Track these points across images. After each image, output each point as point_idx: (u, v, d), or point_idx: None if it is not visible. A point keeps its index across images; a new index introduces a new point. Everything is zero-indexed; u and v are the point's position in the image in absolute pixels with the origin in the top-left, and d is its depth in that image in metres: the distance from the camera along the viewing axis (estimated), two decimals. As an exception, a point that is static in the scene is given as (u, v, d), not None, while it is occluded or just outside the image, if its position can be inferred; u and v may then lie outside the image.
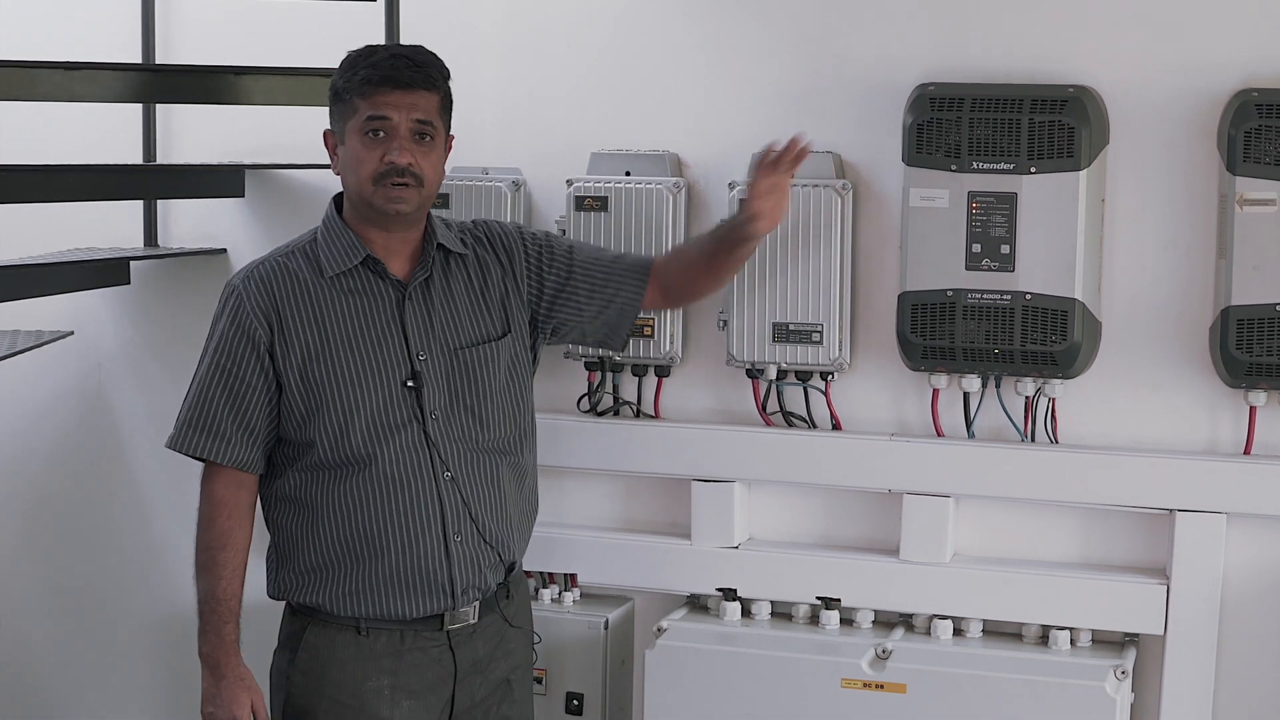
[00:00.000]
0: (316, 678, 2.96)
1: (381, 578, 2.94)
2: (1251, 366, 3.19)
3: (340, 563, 2.95)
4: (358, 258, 2.97)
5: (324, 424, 2.94)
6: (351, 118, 2.93)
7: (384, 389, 2.96)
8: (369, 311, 2.98)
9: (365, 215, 2.97)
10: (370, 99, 2.91)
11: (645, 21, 3.62)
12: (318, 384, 2.94)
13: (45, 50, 3.87)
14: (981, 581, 3.41)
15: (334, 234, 3.00)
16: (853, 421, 3.53)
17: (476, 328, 3.07)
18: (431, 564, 2.96)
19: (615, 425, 3.63)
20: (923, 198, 3.31)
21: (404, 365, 2.97)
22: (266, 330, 2.94)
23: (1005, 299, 3.28)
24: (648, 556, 3.61)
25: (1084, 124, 3.22)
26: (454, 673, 3.01)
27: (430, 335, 3.00)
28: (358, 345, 2.96)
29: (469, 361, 3.03)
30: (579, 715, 3.61)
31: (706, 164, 3.58)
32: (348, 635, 2.96)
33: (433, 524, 2.96)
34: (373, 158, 2.91)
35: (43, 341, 3.75)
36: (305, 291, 2.97)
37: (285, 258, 3.01)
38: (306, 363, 2.94)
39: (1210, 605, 3.29)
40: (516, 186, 3.64)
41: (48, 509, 4.23)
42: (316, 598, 2.97)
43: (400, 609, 2.96)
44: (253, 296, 2.95)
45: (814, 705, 3.32)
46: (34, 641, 4.28)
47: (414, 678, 2.97)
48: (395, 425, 2.95)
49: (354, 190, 2.96)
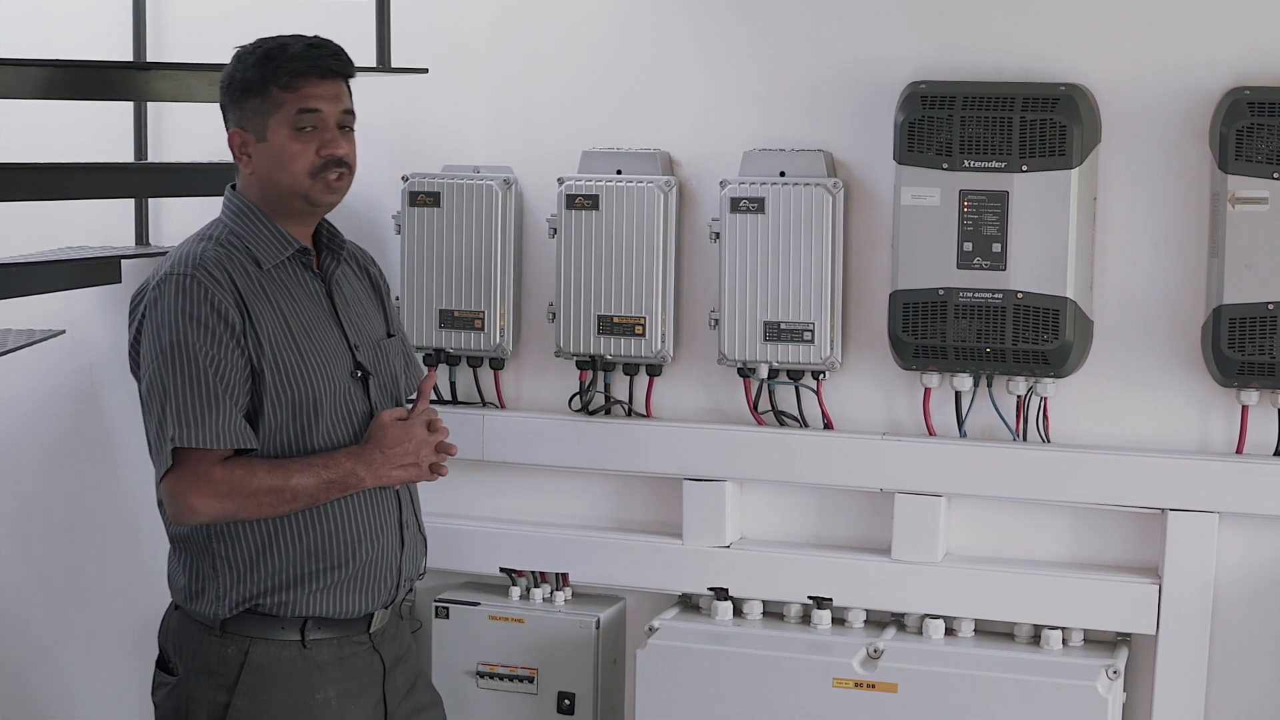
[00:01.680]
0: (261, 699, 2.84)
1: (347, 576, 2.87)
2: (1243, 365, 3.18)
3: (308, 566, 2.84)
4: (290, 249, 2.88)
5: (292, 415, 2.83)
6: (275, 112, 2.84)
7: (340, 380, 2.88)
8: (307, 303, 2.90)
9: (291, 209, 2.88)
10: (298, 91, 2.83)
11: (636, 20, 3.62)
12: (287, 373, 2.82)
13: (42, 50, 3.87)
14: (973, 581, 3.41)
15: (257, 226, 2.88)
16: (844, 420, 3.52)
17: (378, 322, 3.05)
18: (389, 556, 2.93)
19: (606, 424, 3.62)
20: (914, 196, 3.31)
21: (347, 356, 2.91)
22: (239, 315, 2.79)
23: (997, 298, 3.27)
24: (639, 556, 3.61)
25: (1076, 122, 3.21)
26: (382, 672, 2.96)
27: (357, 327, 2.96)
28: (311, 335, 2.87)
29: (385, 352, 3.02)
30: (570, 715, 3.60)
31: (698, 162, 3.58)
32: (292, 650, 2.85)
33: (392, 515, 2.93)
34: (307, 151, 2.84)
35: (34, 340, 3.75)
36: (255, 281, 2.84)
37: (218, 248, 2.84)
38: (275, 352, 2.82)
39: (1202, 605, 3.29)
40: (508, 185, 3.63)
41: (39, 508, 4.22)
42: (277, 601, 2.83)
43: (356, 606, 2.89)
44: (217, 282, 2.78)
45: (805, 705, 3.31)
46: (26, 640, 4.28)
47: (353, 682, 2.91)
48: (353, 417, 2.89)
49: (285, 185, 2.86)
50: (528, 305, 3.71)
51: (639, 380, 3.63)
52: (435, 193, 3.64)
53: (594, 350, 3.58)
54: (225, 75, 2.90)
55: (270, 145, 2.86)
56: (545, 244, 3.65)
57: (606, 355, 3.58)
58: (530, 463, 3.69)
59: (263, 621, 2.85)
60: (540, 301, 3.69)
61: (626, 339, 3.56)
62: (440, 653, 3.68)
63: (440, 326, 3.67)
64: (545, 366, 3.70)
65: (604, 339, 3.57)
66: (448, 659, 3.68)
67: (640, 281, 3.54)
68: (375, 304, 3.09)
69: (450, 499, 3.79)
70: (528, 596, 3.67)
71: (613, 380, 3.65)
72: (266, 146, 2.86)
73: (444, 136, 3.75)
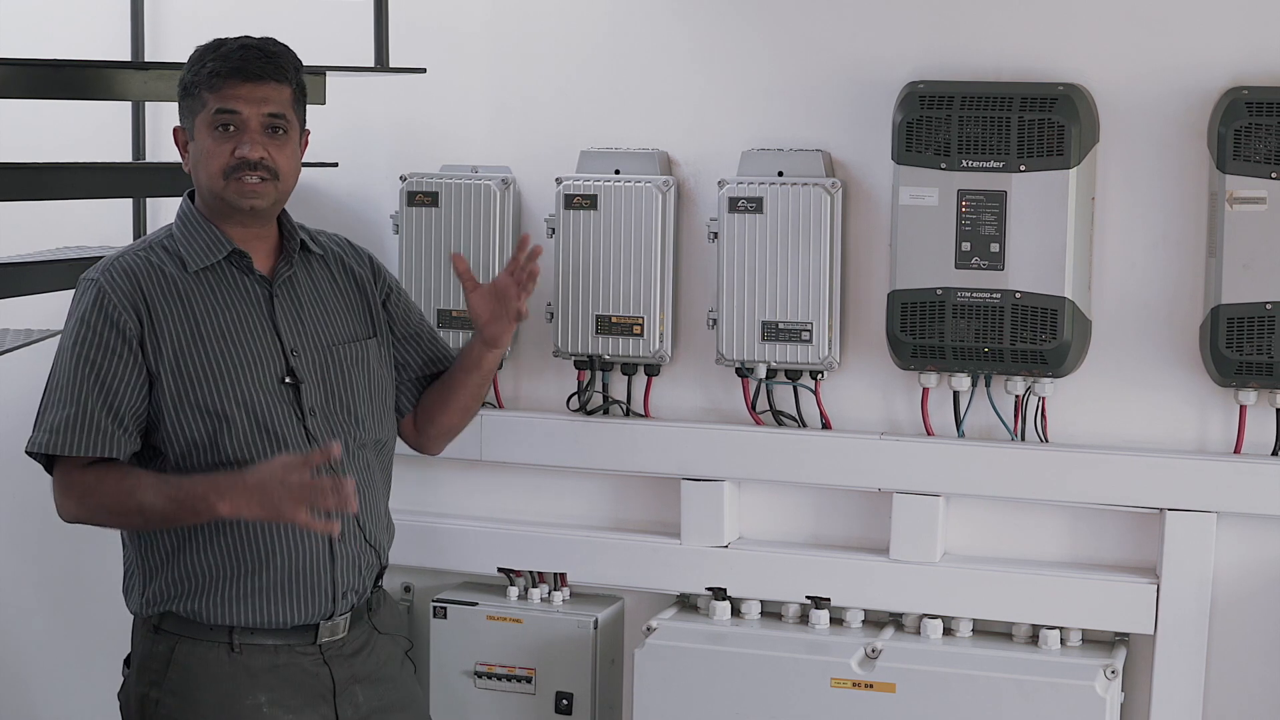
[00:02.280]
0: (188, 698, 2.82)
1: (265, 584, 2.83)
2: (1241, 365, 3.18)
3: (221, 571, 2.82)
4: (222, 252, 2.87)
5: (199, 422, 2.80)
6: (200, 112, 2.85)
7: (261, 386, 2.85)
8: (238, 307, 2.87)
9: (220, 211, 2.88)
10: (219, 92, 2.83)
11: (634, 19, 3.62)
12: (192, 379, 2.80)
13: (40, 49, 3.86)
14: (971, 581, 3.41)
15: (193, 228, 2.89)
16: (842, 420, 3.52)
17: (346, 326, 3.01)
18: (316, 568, 2.86)
19: (605, 424, 3.62)
20: (912, 196, 3.31)
21: (278, 361, 2.88)
22: (135, 322, 2.79)
23: (995, 297, 3.27)
24: (637, 556, 3.61)
25: (1074, 122, 3.22)
26: (332, 688, 2.90)
27: (302, 332, 2.93)
28: (230, 341, 2.84)
29: (342, 359, 2.97)
30: (569, 715, 3.60)
31: (696, 162, 3.58)
32: (220, 653, 2.83)
33: None
34: (223, 152, 2.83)
35: (31, 340, 3.74)
36: (171, 285, 2.84)
37: (145, 251, 2.88)
38: (179, 358, 2.81)
39: (1200, 605, 3.29)
40: (506, 185, 3.63)
41: (36, 508, 4.20)
42: (193, 607, 2.83)
43: (281, 616, 2.85)
44: (118, 289, 2.80)
45: (803, 705, 3.31)
46: (22, 641, 4.27)
47: (289, 692, 2.86)
48: (275, 423, 2.85)
49: (205, 186, 2.87)
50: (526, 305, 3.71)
51: (637, 380, 3.63)
52: (433, 193, 3.64)
53: (592, 350, 3.58)
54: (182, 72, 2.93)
55: (197, 144, 2.88)
56: (544, 244, 3.64)
57: (604, 355, 3.58)
58: (528, 462, 3.69)
59: (188, 623, 2.85)
60: (539, 301, 3.68)
61: (624, 339, 3.56)
62: (438, 653, 3.68)
63: (439, 326, 3.66)
64: (543, 366, 3.69)
65: (602, 339, 3.57)
66: (445, 659, 3.68)
67: (638, 281, 3.54)
68: (353, 304, 3.05)
69: (448, 499, 3.80)
70: (526, 596, 3.67)
71: (611, 380, 3.65)
72: (195, 145, 2.89)
73: (442, 136, 3.75)
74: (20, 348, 3.71)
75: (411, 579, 3.84)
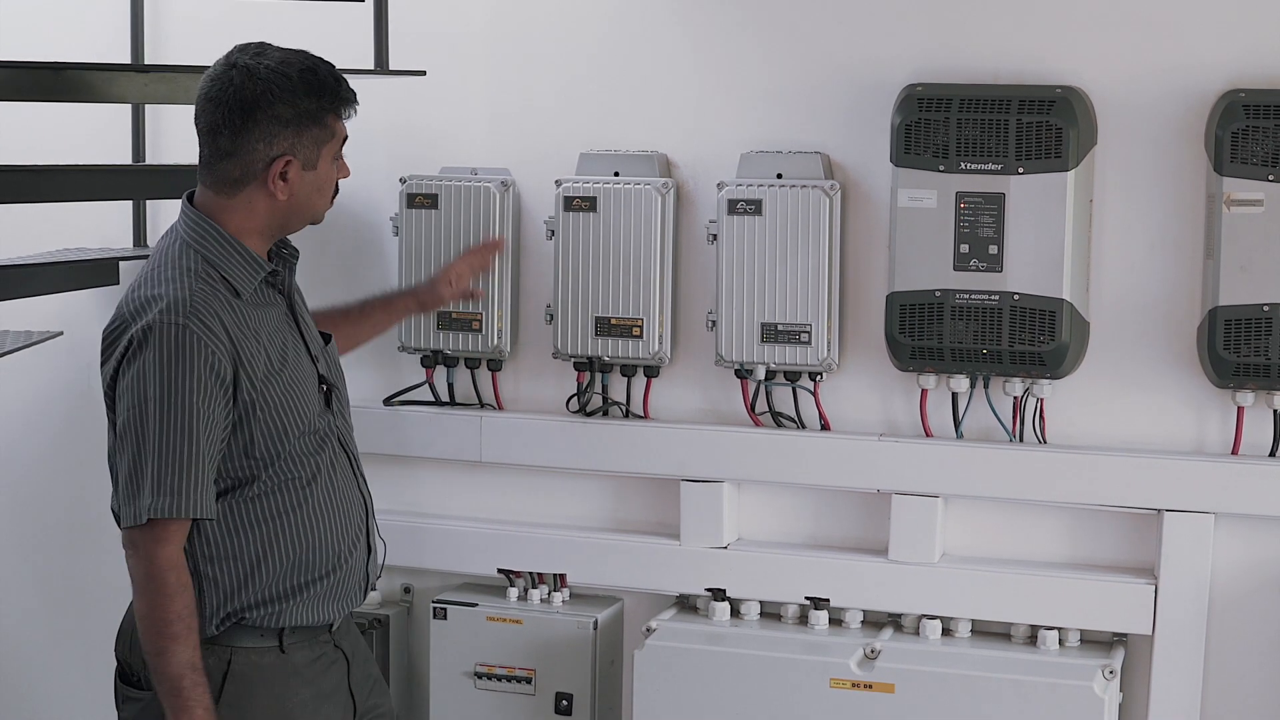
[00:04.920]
0: (244, 708, 2.81)
1: (335, 585, 2.88)
2: (1239, 367, 3.19)
3: (305, 579, 2.84)
4: (262, 273, 2.83)
5: (277, 443, 2.80)
6: (328, 141, 2.83)
7: (313, 398, 2.87)
8: (278, 323, 2.86)
9: (285, 230, 2.88)
10: (343, 120, 2.86)
11: (634, 21, 3.62)
12: (275, 405, 2.79)
13: (35, 50, 3.87)
14: (970, 581, 3.42)
15: (227, 250, 2.80)
16: (841, 422, 3.53)
17: (319, 326, 3.06)
18: (360, 564, 2.95)
19: (604, 425, 3.63)
20: (911, 198, 3.32)
21: (313, 370, 2.90)
22: (231, 365, 2.72)
23: (993, 299, 3.28)
24: (637, 557, 3.61)
25: (1072, 124, 3.22)
26: (347, 670, 2.97)
27: (312, 338, 2.96)
28: (288, 359, 2.84)
29: (334, 359, 3.03)
30: (568, 715, 3.61)
31: (695, 164, 3.58)
32: (271, 656, 2.84)
33: (362, 524, 2.95)
34: (334, 178, 2.89)
35: (32, 342, 3.74)
36: (241, 316, 2.77)
37: (204, 285, 2.75)
38: (266, 387, 2.78)
39: (1198, 605, 3.30)
40: (505, 187, 3.64)
41: (37, 509, 4.23)
42: (266, 614, 2.81)
43: (332, 614, 2.89)
44: (211, 334, 2.70)
45: (802, 705, 3.32)
46: (23, 642, 4.28)
47: (325, 681, 2.90)
48: (324, 433, 2.88)
49: (317, 210, 2.88)
50: (525, 307, 3.72)
51: (636, 381, 3.64)
52: (433, 194, 3.65)
53: (591, 351, 3.59)
54: (266, 96, 2.76)
55: (318, 174, 2.84)
56: (543, 246, 3.66)
57: (604, 356, 3.59)
58: (528, 464, 3.69)
59: (245, 632, 2.83)
60: (538, 303, 3.70)
61: (624, 340, 3.56)
62: (438, 653, 3.69)
63: (438, 328, 3.67)
64: (543, 368, 3.70)
65: (601, 340, 3.58)
66: (446, 660, 3.68)
67: (638, 283, 3.54)
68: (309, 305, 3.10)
69: (448, 500, 3.80)
70: (525, 597, 3.68)
71: (610, 381, 3.66)
72: (314, 175, 2.83)
73: (442, 138, 3.75)
74: (21, 349, 3.71)
75: (412, 580, 3.85)
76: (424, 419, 3.73)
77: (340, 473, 2.91)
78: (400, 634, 3.83)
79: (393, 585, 3.87)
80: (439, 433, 3.72)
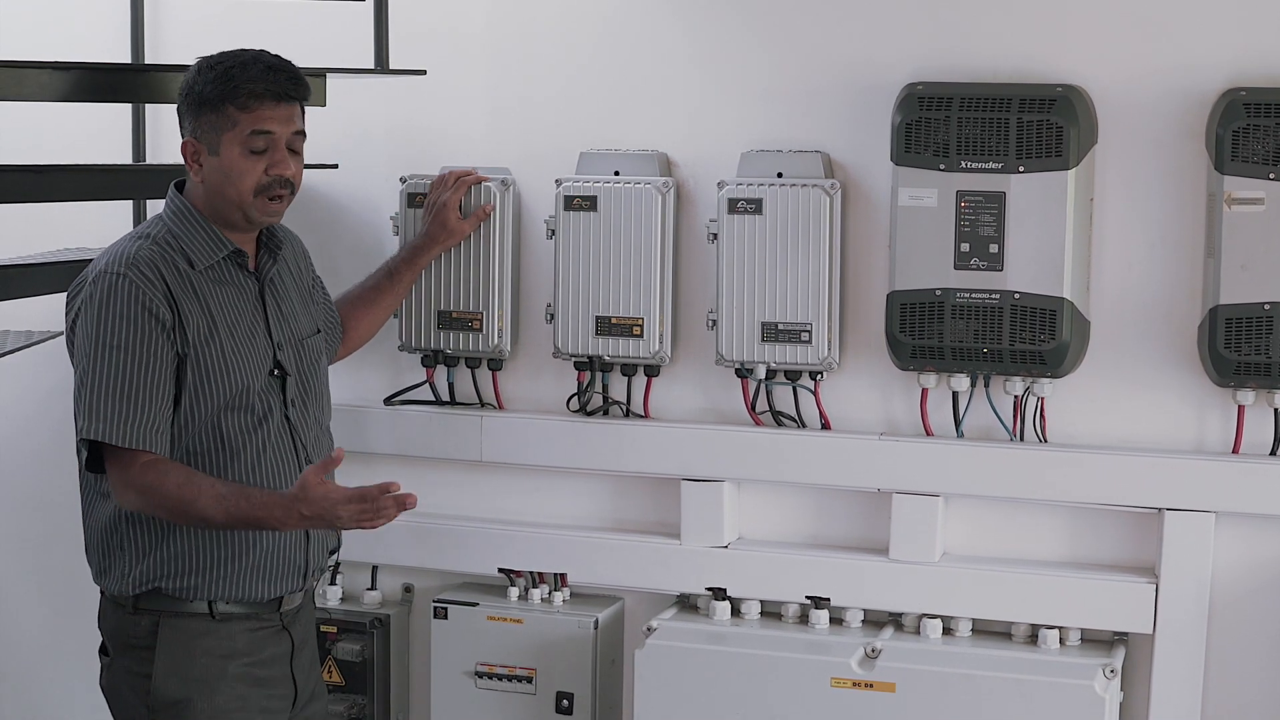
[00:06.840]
0: (176, 670, 2.96)
1: (249, 565, 2.97)
2: (1240, 365, 3.19)
3: (208, 553, 2.95)
4: (224, 251, 2.98)
5: (205, 410, 2.92)
6: (229, 129, 2.92)
7: (258, 377, 2.99)
8: (238, 302, 3.00)
9: (231, 220, 2.99)
10: (253, 113, 2.92)
11: (633, 21, 3.62)
12: (207, 371, 2.92)
13: (34, 50, 3.87)
14: (970, 581, 3.42)
15: (192, 226, 2.97)
16: (842, 421, 3.53)
17: (308, 319, 3.16)
18: (294, 548, 3.03)
19: (605, 425, 3.63)
20: (911, 197, 3.31)
21: (269, 354, 3.02)
22: (170, 313, 2.88)
23: (994, 298, 3.28)
24: (637, 556, 3.61)
25: (1072, 123, 3.22)
26: (290, 651, 3.07)
27: (283, 325, 3.07)
28: (236, 335, 2.97)
29: (309, 351, 3.12)
30: (569, 715, 3.61)
31: (695, 163, 3.58)
32: (202, 623, 2.96)
33: None
34: (255, 170, 2.94)
35: (33, 342, 3.74)
36: (186, 279, 2.93)
37: (154, 246, 2.93)
38: (199, 350, 2.92)
39: (1199, 604, 3.30)
40: (505, 186, 3.64)
41: (39, 508, 4.22)
42: (179, 585, 2.94)
43: (260, 593, 2.99)
44: (148, 281, 2.88)
45: (803, 704, 3.32)
46: (24, 639, 4.28)
47: (265, 656, 3.03)
48: (263, 413, 2.99)
49: (231, 199, 2.95)
50: (526, 306, 3.72)
51: (637, 381, 3.64)
52: (433, 194, 3.65)
53: (592, 351, 3.59)
54: (184, 83, 2.97)
55: (221, 160, 2.95)
56: (543, 245, 3.66)
57: (604, 356, 3.59)
58: (528, 463, 3.70)
59: (171, 599, 2.97)
60: (538, 302, 3.70)
61: (624, 340, 3.56)
62: (439, 653, 3.69)
63: (439, 327, 3.67)
64: (543, 367, 3.70)
65: (602, 340, 3.58)
66: (446, 659, 3.68)
67: (638, 282, 3.54)
68: (304, 298, 3.19)
69: (448, 500, 3.80)
70: (526, 597, 3.68)
71: (610, 381, 3.66)
72: (217, 161, 2.95)
73: (442, 138, 3.75)
74: (22, 349, 3.71)
75: (412, 579, 3.85)
76: (424, 418, 3.73)
77: (274, 455, 2.99)
78: (401, 633, 3.83)
79: (393, 585, 3.87)
80: (439, 432, 3.72)
